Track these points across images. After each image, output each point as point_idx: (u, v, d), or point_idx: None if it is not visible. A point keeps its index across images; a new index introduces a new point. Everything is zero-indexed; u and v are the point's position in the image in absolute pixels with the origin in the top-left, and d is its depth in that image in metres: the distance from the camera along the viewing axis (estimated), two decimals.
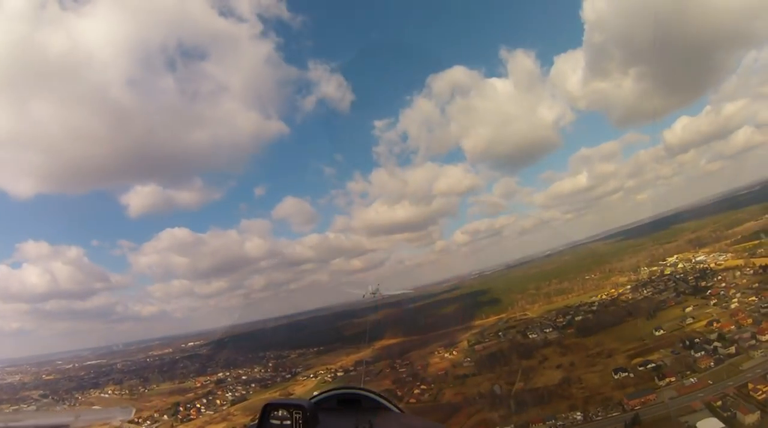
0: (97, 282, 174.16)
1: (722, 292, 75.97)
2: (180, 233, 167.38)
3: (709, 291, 77.99)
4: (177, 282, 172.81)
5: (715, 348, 61.30)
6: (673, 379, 58.13)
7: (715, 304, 73.74)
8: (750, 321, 65.40)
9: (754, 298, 71.05)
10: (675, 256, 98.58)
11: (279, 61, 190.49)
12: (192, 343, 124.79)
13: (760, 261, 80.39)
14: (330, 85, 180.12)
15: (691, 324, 70.12)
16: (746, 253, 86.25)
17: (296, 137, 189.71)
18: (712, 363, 59.11)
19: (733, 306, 71.42)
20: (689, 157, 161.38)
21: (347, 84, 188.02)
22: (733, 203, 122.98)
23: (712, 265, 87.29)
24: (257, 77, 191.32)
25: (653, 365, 62.18)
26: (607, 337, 72.66)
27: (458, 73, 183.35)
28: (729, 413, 49.52)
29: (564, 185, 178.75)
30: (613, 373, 62.40)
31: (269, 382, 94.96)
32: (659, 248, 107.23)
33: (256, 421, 3.52)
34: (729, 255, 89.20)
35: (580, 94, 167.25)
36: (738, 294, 73.66)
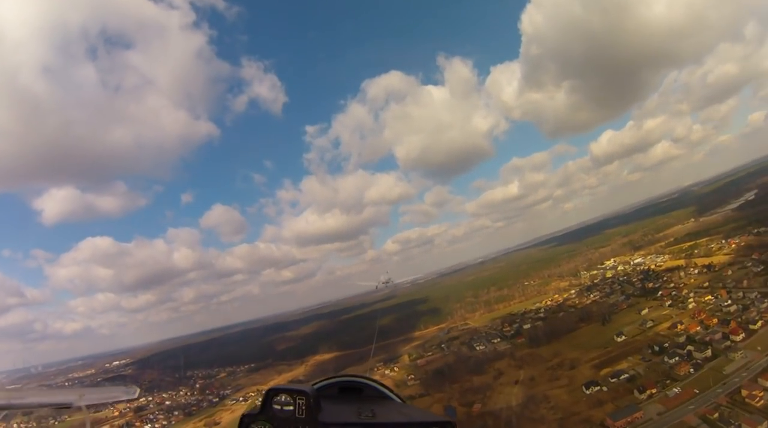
0: (10, 297, 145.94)
1: (674, 293, 69.10)
2: (102, 242, 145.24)
3: (659, 292, 71.02)
4: (101, 296, 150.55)
5: (689, 352, 52.32)
6: (654, 391, 48.05)
7: (670, 305, 66.36)
8: (715, 320, 57.71)
9: (710, 297, 64.18)
10: (612, 260, 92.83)
11: (211, 55, 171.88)
12: (117, 362, 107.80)
13: (702, 261, 75.00)
14: (263, 85, 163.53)
15: (652, 327, 61.57)
16: (683, 254, 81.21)
17: (226, 140, 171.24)
18: (691, 370, 49.90)
19: (690, 306, 64.09)
20: (613, 168, 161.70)
21: (281, 85, 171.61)
22: (655, 210, 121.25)
23: (653, 267, 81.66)
24: (187, 72, 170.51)
25: (626, 375, 52.07)
26: (563, 346, 62.46)
27: (394, 79, 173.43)
28: (732, 426, 39.25)
29: (495, 194, 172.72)
30: (583, 388, 51.51)
31: (194, 408, 78.15)
32: (594, 252, 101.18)
33: (259, 406, 3.00)
34: (666, 256, 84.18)
35: (514, 105, 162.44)
36: (692, 294, 66.58)
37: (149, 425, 73.61)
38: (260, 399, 3.08)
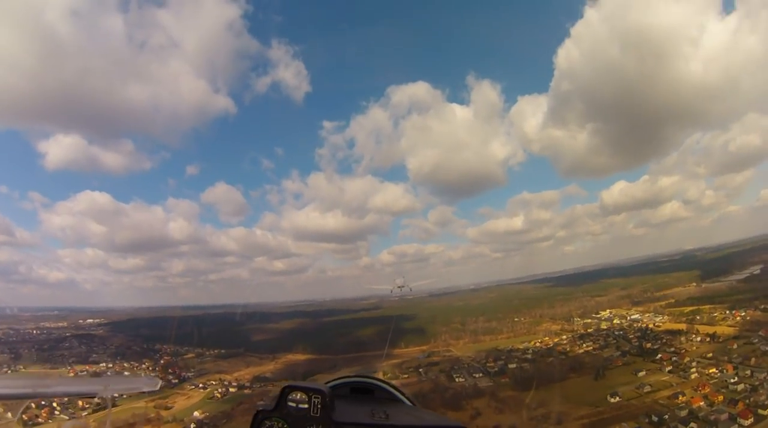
0: (0, 234, 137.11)
1: (675, 358, 61.71)
2: (101, 198, 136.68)
3: (658, 354, 63.77)
4: (90, 251, 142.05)
5: None
6: None
7: (670, 372, 59.03)
8: (721, 397, 50.07)
9: (714, 370, 56.79)
10: (608, 311, 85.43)
11: (242, 29, 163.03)
12: (91, 320, 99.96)
13: (704, 329, 67.67)
14: (288, 70, 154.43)
15: (650, 393, 54.06)
16: (684, 318, 73.92)
17: (241, 119, 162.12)
18: None
19: (692, 376, 56.79)
20: (619, 219, 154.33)
21: (306, 73, 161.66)
22: (656, 267, 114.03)
23: (650, 325, 74.45)
24: (215, 42, 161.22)
25: None
26: (550, 395, 55.01)
27: (420, 89, 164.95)
28: None
29: (499, 224, 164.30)
30: None
31: None
32: (590, 300, 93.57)
33: (274, 402, 3.08)
34: (666, 317, 76.94)
35: (534, 138, 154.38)
36: (695, 363, 59.09)
37: None
38: (276, 396, 2.94)
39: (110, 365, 75.67)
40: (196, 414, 58.82)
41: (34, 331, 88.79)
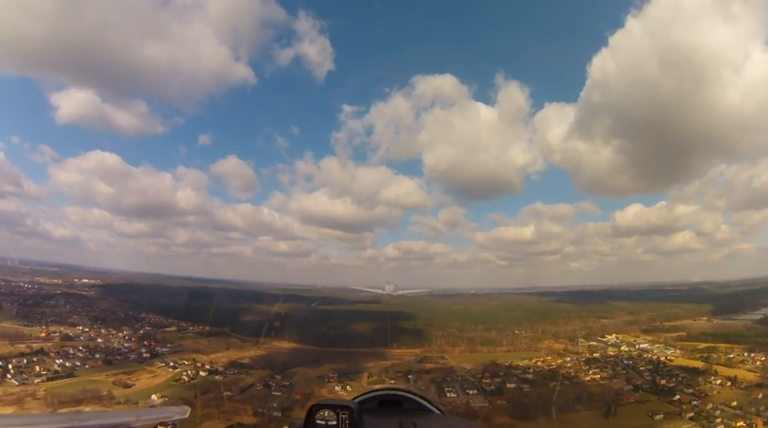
0: (8, 184, 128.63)
1: (695, 402, 51.66)
2: (111, 159, 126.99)
3: (676, 395, 53.96)
4: (97, 211, 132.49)
5: None
6: None
7: (692, 419, 49.36)
8: None
9: (742, 424, 47.00)
10: (615, 336, 75.64)
11: None
12: (86, 281, 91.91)
13: (723, 371, 57.48)
14: (313, 46, 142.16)
15: None
16: (699, 355, 63.74)
17: (259, 91, 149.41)
18: None
19: None
20: (630, 242, 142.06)
21: (331, 51, 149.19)
22: (663, 296, 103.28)
23: (662, 358, 64.24)
24: (241, 6, 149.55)
25: None
26: None
27: (447, 82, 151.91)
28: None
29: (508, 232, 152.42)
30: None
31: (118, 359, 61.49)
32: (596, 321, 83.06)
33: (302, 420, 2.96)
34: (678, 351, 66.76)
35: (557, 148, 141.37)
36: (718, 412, 48.85)
37: (61, 360, 57.26)
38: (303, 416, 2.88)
39: (86, 329, 67.65)
40: (153, 397, 49.32)
41: (26, 285, 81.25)
